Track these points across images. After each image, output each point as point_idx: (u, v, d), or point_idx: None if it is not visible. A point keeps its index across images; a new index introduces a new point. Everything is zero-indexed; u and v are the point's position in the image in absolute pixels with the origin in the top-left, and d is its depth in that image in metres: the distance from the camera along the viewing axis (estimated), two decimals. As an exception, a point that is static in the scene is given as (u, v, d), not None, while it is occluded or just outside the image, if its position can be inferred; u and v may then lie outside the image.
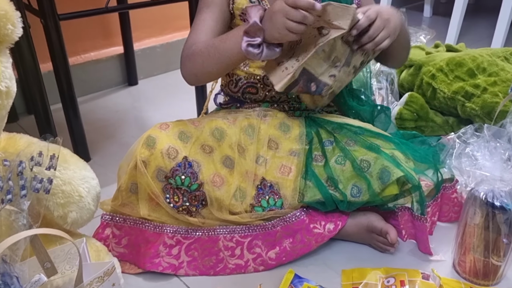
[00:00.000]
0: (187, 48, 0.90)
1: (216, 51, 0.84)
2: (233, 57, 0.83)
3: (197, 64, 0.87)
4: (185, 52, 0.90)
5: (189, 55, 0.88)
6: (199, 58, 0.86)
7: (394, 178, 0.81)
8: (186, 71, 0.91)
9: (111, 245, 0.87)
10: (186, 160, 0.83)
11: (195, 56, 0.86)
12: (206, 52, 0.85)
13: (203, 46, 0.86)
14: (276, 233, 0.86)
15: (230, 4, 0.92)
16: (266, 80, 0.97)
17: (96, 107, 1.55)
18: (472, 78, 1.23)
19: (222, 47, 0.83)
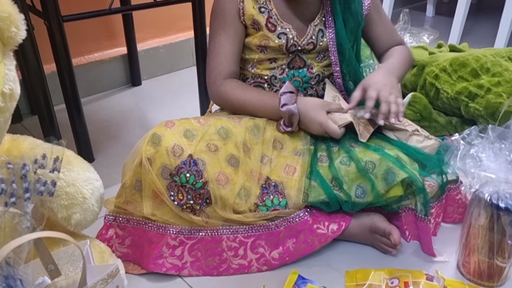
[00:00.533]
0: (214, 78, 0.96)
1: (248, 112, 0.94)
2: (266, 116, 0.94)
3: (230, 107, 0.97)
4: (216, 87, 0.96)
5: (221, 97, 0.96)
6: (231, 107, 0.97)
7: (398, 180, 0.81)
8: (217, 103, 1.01)
9: (114, 245, 0.87)
10: (191, 158, 0.83)
11: (227, 104, 0.97)
12: (237, 107, 0.95)
13: (234, 101, 0.95)
14: (280, 233, 0.86)
15: (240, 16, 0.93)
16: (274, 81, 0.97)
17: (99, 108, 1.56)
18: (475, 79, 1.23)
19: (254, 113, 0.94)
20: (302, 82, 0.99)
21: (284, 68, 0.97)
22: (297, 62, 0.98)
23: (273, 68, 0.97)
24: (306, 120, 0.90)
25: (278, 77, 0.98)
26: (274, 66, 0.97)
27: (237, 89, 0.95)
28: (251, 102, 0.94)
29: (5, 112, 0.63)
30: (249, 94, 0.94)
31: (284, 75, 0.97)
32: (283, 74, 0.97)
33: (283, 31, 0.94)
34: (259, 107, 0.93)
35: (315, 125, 0.90)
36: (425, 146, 0.91)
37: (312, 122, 0.90)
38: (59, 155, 0.60)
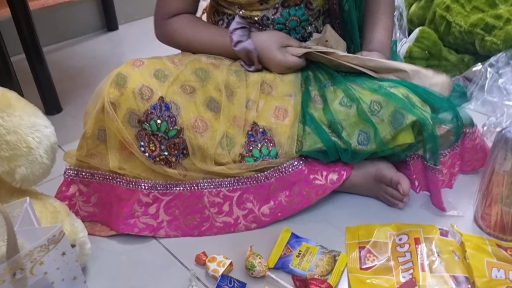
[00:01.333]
0: (162, 15, 0.83)
1: (198, 50, 0.82)
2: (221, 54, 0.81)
3: (180, 45, 0.84)
4: (162, 24, 0.83)
5: (167, 35, 0.83)
6: (178, 46, 0.84)
7: (408, 122, 0.68)
8: (164, 41, 0.86)
9: (78, 204, 0.76)
10: (162, 101, 0.69)
11: (174, 42, 0.84)
12: (185, 46, 0.83)
13: (183, 40, 0.82)
14: (270, 185, 0.74)
15: None
16: (266, 21, 0.82)
17: (70, 55, 1.41)
18: (492, 8, 1.09)
19: (205, 51, 0.81)
20: (299, 21, 0.82)
21: (278, 7, 0.81)
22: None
23: (264, 8, 0.81)
24: (263, 58, 0.79)
25: (271, 18, 0.82)
26: (266, 7, 0.80)
27: (186, 28, 0.81)
28: (201, 42, 0.81)
29: None
30: (198, 33, 0.81)
31: (278, 15, 0.81)
32: (276, 14, 0.81)
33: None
34: (210, 47, 0.81)
35: (273, 64, 0.79)
36: (435, 83, 0.76)
37: (271, 62, 0.79)
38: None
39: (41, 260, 0.48)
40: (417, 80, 0.75)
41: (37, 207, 0.61)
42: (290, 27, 0.82)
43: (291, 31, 0.83)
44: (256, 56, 0.77)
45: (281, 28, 0.82)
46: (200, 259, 0.68)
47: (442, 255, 0.66)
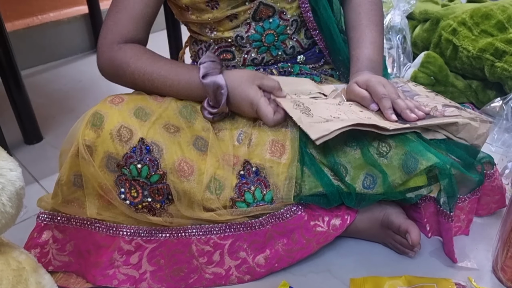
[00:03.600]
0: (110, 39, 0.69)
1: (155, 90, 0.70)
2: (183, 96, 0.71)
3: (124, 82, 0.72)
4: (108, 49, 0.69)
5: (115, 64, 0.70)
6: (130, 82, 0.71)
7: (422, 168, 0.61)
8: (105, 73, 0.73)
9: (51, 252, 0.68)
10: (142, 143, 0.62)
11: (124, 75, 0.70)
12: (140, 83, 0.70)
13: (137, 74, 0.69)
14: (266, 232, 0.66)
15: None
16: (241, 41, 0.75)
17: (55, 77, 1.35)
18: (502, 32, 1.03)
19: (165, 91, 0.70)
20: (276, 34, 0.76)
21: (250, 22, 0.74)
22: (263, 11, 0.73)
23: (236, 26, 0.74)
24: (234, 98, 0.68)
25: (244, 36, 0.75)
26: (236, 24, 0.74)
27: (143, 57, 0.69)
28: (161, 74, 0.69)
29: None
30: (159, 64, 0.69)
31: (252, 31, 0.74)
32: (250, 31, 0.74)
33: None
34: (172, 81, 0.69)
35: (245, 104, 0.67)
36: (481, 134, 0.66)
37: (242, 100, 0.67)
38: None
39: None
40: (465, 133, 0.66)
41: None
42: (268, 43, 0.75)
43: (271, 48, 0.76)
44: (225, 95, 0.67)
45: (259, 46, 0.76)
46: (187, 319, 0.60)
47: (460, 316, 0.59)
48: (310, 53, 0.81)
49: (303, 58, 0.81)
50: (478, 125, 0.65)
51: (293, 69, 0.80)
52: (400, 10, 1.15)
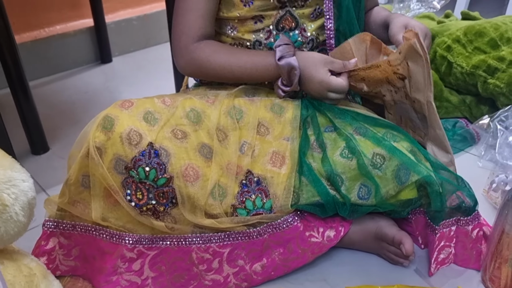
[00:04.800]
0: (187, 39, 0.76)
1: (235, 79, 0.78)
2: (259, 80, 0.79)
3: (207, 77, 0.81)
4: (189, 49, 0.77)
5: (197, 62, 0.77)
6: (212, 76, 0.79)
7: (414, 179, 0.64)
8: (188, 72, 0.82)
9: (58, 258, 0.71)
10: (151, 147, 0.65)
11: (206, 71, 0.78)
12: (221, 75, 0.78)
13: (218, 67, 0.77)
14: (263, 242, 0.69)
15: None
16: (258, 47, 0.79)
17: (62, 89, 1.37)
18: (495, 50, 1.06)
19: (244, 78, 0.78)
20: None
21: (271, 29, 0.78)
22: (288, 21, 0.78)
23: (257, 30, 0.78)
24: (305, 78, 0.74)
25: (263, 43, 0.79)
26: (259, 28, 0.78)
27: (220, 52, 0.76)
28: (240, 65, 0.76)
29: None
30: (236, 56, 0.76)
31: (271, 40, 0.78)
32: (269, 39, 0.78)
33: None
34: (250, 70, 0.75)
35: (315, 84, 0.74)
36: None
37: (312, 80, 0.74)
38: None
39: None
40: None
41: (11, 271, 0.56)
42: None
43: None
44: (298, 75, 0.73)
45: None
46: (187, 324, 0.63)
47: (449, 324, 0.61)
48: None
49: None
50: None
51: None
52: (397, 27, 1.18)
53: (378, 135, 0.69)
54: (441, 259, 0.71)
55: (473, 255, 0.72)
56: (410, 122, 0.76)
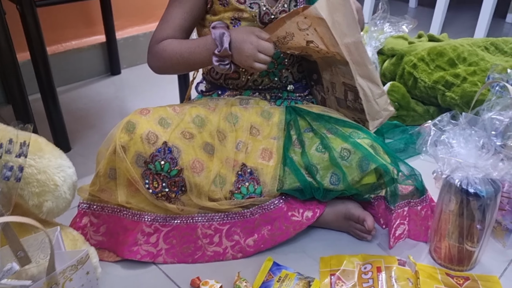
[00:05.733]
0: (154, 42, 0.92)
1: (185, 61, 0.90)
2: (201, 65, 0.94)
3: (166, 66, 0.93)
4: (153, 47, 0.92)
5: (157, 54, 0.92)
6: (168, 62, 0.92)
7: (373, 167, 0.81)
8: (153, 66, 0.95)
9: (89, 233, 0.87)
10: (166, 145, 0.82)
11: (164, 59, 0.92)
12: (175, 59, 0.91)
13: (171, 53, 0.90)
14: (255, 220, 0.86)
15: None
16: None
17: (77, 97, 1.54)
18: (452, 68, 1.24)
19: (191, 58, 0.90)
20: (276, 63, 0.97)
21: None
22: None
23: None
24: (237, 42, 0.85)
25: None
26: None
27: (173, 43, 0.91)
28: (187, 47, 0.90)
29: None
30: (184, 42, 0.91)
31: None
32: None
33: (253, 1, 0.91)
34: (194, 49, 0.89)
35: (246, 44, 0.85)
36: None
37: (244, 43, 0.85)
38: (26, 140, 0.59)
39: (71, 277, 0.59)
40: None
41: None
42: (269, 69, 0.96)
43: (270, 73, 0.98)
44: (228, 38, 0.84)
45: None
46: (195, 283, 0.80)
47: (399, 282, 0.79)
48: (298, 84, 1.03)
49: (293, 88, 1.02)
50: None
51: (282, 95, 1.01)
52: (372, 46, 1.37)
53: (346, 134, 0.86)
54: (398, 235, 0.88)
55: (423, 230, 0.89)
56: (339, 70, 0.90)
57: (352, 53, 0.85)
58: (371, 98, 0.88)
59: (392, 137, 1.23)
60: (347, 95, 0.92)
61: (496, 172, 0.73)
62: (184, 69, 0.96)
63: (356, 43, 0.84)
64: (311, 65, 0.98)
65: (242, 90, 1.01)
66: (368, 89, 0.88)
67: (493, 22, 2.17)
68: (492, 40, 1.34)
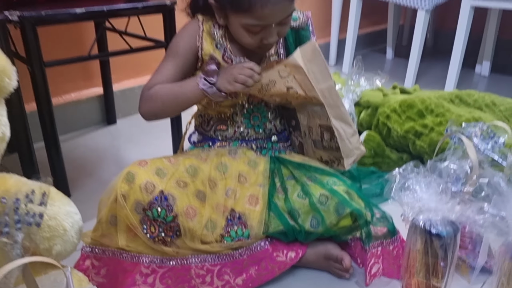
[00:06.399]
0: (147, 89, 1.02)
1: (175, 95, 0.99)
2: (189, 97, 0.99)
3: (157, 106, 1.00)
4: (145, 92, 1.02)
5: (149, 97, 1.00)
6: (159, 101, 1.00)
7: (348, 211, 0.92)
8: (145, 110, 1.03)
9: (91, 275, 0.94)
10: (162, 193, 0.91)
11: (155, 100, 1.00)
12: (165, 97, 0.99)
13: (162, 92, 0.99)
14: (243, 261, 0.95)
15: (199, 51, 1.04)
16: (235, 117, 1.08)
17: (76, 146, 1.63)
18: (421, 119, 1.37)
19: (180, 91, 0.98)
20: (260, 117, 1.09)
21: (244, 103, 1.07)
22: (256, 97, 1.05)
23: (234, 104, 1.06)
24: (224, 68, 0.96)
25: (239, 114, 1.08)
26: (234, 102, 1.06)
27: (164, 86, 1.00)
28: (177, 84, 0.99)
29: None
30: (174, 84, 1.00)
31: (244, 111, 1.08)
32: (243, 110, 1.08)
33: (239, 61, 1.03)
34: (184, 83, 0.99)
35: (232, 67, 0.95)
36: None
37: (230, 67, 0.96)
38: (46, 191, 0.68)
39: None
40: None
41: (66, 275, 0.80)
42: (253, 122, 1.07)
43: (255, 126, 1.09)
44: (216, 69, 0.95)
45: (247, 123, 1.08)
46: (188, 319, 0.87)
47: (374, 316, 0.87)
48: (281, 135, 1.14)
49: (276, 139, 1.13)
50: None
51: (267, 145, 1.12)
52: (349, 99, 1.50)
53: (324, 181, 0.97)
54: (373, 273, 0.97)
55: (395, 269, 0.98)
56: (316, 113, 1.00)
57: (326, 97, 0.97)
58: (344, 137, 0.99)
59: (369, 182, 1.34)
60: (323, 136, 1.03)
61: (454, 214, 0.84)
62: (173, 106, 1.00)
63: (329, 88, 0.97)
64: (290, 112, 1.10)
65: (230, 141, 1.11)
66: (342, 129, 0.99)
67: (464, 72, 2.35)
68: (456, 93, 1.48)
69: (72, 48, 1.59)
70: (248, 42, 0.98)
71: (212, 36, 1.04)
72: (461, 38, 2.07)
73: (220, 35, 1.04)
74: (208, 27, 1.04)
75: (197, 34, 1.04)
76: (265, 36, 0.96)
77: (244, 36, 0.97)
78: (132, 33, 1.44)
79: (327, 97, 0.97)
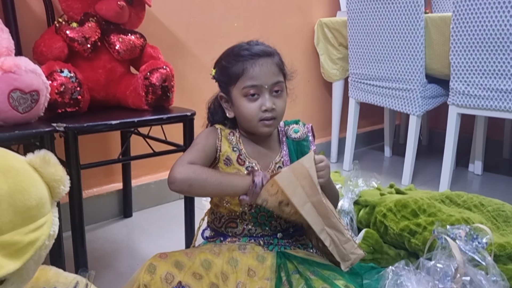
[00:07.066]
0: (185, 161, 1.13)
1: (220, 176, 1.11)
2: (235, 186, 1.11)
3: (200, 178, 1.09)
4: (184, 163, 1.12)
5: (191, 168, 1.10)
6: (204, 175, 1.09)
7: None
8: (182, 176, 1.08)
9: None
10: (180, 284, 1.01)
11: (199, 172, 1.09)
12: (211, 173, 1.11)
13: (207, 169, 1.11)
14: None
15: (218, 151, 1.20)
16: (244, 216, 1.21)
17: (94, 238, 1.73)
18: (415, 218, 1.48)
19: (226, 176, 1.12)
20: (266, 216, 1.22)
21: (252, 204, 1.18)
22: None
23: (242, 204, 1.18)
24: None
25: (247, 213, 1.21)
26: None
27: (203, 169, 1.11)
28: (225, 173, 1.13)
29: (46, 249, 0.84)
30: (213, 173, 1.12)
31: (252, 210, 1.20)
32: (251, 210, 1.20)
33: (250, 165, 1.19)
34: (233, 176, 1.13)
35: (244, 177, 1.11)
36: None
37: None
38: (88, 283, 0.80)
39: None
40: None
41: None
42: (260, 220, 1.20)
43: (262, 224, 1.20)
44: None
45: (255, 221, 1.20)
46: None
47: None
48: (286, 232, 1.26)
49: (281, 235, 1.25)
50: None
51: (273, 241, 1.24)
52: (349, 198, 1.63)
53: (325, 275, 1.07)
54: None
55: None
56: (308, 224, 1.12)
57: (317, 208, 1.10)
58: (338, 244, 1.11)
59: (370, 278, 1.42)
60: (319, 242, 1.15)
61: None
62: (214, 185, 1.09)
63: (319, 201, 1.10)
64: None
65: (240, 237, 1.23)
66: (335, 236, 1.11)
67: (458, 170, 2.50)
68: (447, 194, 1.62)
69: (97, 149, 1.76)
70: (250, 111, 1.15)
71: (229, 141, 1.22)
72: (451, 140, 2.23)
73: (236, 141, 1.22)
74: (225, 134, 1.23)
75: (217, 137, 1.22)
76: (263, 102, 1.14)
77: (246, 107, 1.15)
78: (154, 137, 1.62)
79: (317, 208, 1.10)
